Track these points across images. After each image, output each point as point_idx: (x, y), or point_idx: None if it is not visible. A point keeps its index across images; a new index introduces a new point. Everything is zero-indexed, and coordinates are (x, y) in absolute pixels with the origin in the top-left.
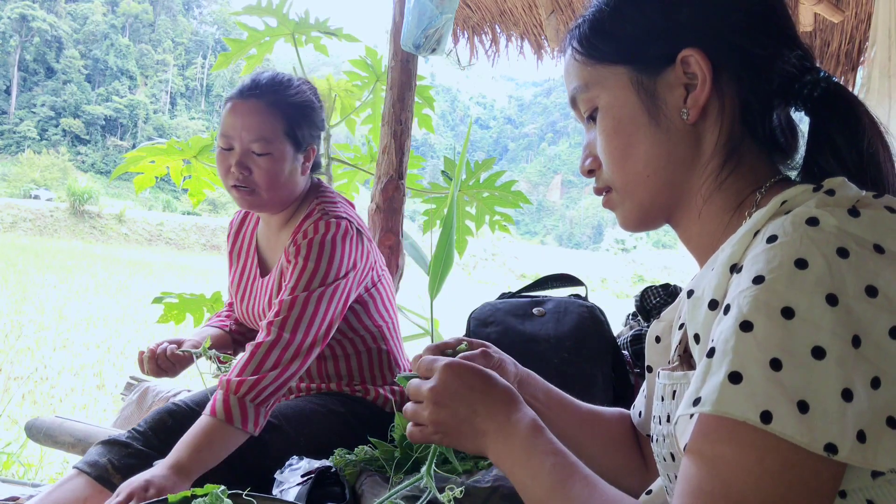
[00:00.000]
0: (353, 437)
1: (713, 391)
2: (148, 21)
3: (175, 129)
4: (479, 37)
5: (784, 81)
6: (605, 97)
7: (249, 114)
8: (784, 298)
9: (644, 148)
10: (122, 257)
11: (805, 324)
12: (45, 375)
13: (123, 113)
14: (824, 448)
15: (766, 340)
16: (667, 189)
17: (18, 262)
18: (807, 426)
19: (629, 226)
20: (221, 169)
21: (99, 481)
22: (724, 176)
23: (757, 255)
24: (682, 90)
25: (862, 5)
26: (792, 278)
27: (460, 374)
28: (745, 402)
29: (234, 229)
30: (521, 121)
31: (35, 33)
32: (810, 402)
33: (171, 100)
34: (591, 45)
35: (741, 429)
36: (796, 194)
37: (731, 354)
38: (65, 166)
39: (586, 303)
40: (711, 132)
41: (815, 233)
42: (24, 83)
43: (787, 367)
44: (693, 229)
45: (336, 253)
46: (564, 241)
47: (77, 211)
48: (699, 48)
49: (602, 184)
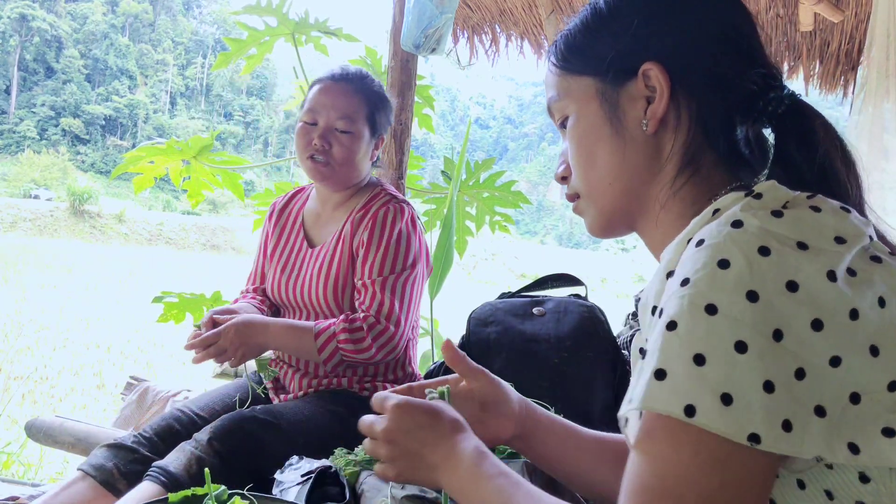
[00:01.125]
0: (354, 437)
1: (641, 389)
2: (148, 21)
3: (175, 128)
4: (479, 37)
5: (745, 98)
6: (574, 106)
7: (339, 94)
8: (707, 297)
9: (605, 156)
10: (122, 257)
11: (727, 320)
12: (45, 375)
13: (123, 113)
14: (748, 438)
15: (689, 337)
16: (627, 197)
17: (18, 262)
18: (731, 417)
19: (595, 232)
20: (302, 141)
21: (104, 486)
22: (680, 184)
23: (685, 260)
24: (643, 102)
25: (862, 5)
26: (714, 277)
27: (408, 411)
28: (668, 396)
29: (276, 210)
30: (521, 121)
31: (35, 33)
32: (733, 394)
33: (171, 99)
34: (564, 58)
35: (669, 424)
36: (729, 202)
37: (658, 353)
38: (65, 166)
39: (586, 303)
40: (668, 142)
41: (738, 234)
42: (24, 83)
43: (710, 361)
44: (655, 236)
45: (413, 240)
46: (564, 240)
47: (77, 211)
48: (659, 62)
49: (571, 191)
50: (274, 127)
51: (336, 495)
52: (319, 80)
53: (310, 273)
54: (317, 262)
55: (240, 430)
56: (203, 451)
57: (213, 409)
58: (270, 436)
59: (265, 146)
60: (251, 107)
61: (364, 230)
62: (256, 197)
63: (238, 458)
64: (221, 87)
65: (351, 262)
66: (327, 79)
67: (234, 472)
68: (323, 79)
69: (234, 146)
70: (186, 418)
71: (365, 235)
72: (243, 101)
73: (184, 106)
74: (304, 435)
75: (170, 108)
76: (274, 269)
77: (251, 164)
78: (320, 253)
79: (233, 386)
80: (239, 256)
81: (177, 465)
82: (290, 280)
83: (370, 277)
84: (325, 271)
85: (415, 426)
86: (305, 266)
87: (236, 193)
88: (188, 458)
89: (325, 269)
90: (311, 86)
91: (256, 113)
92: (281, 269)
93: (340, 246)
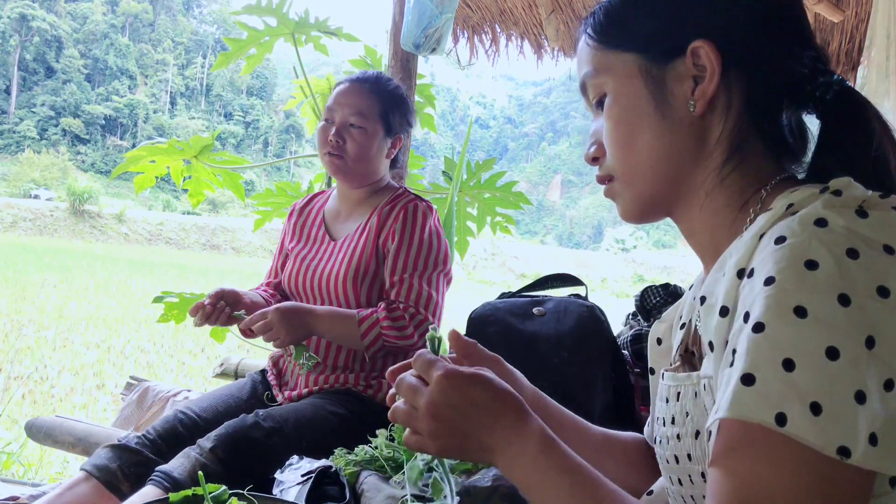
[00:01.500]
0: (354, 437)
1: (728, 396)
2: (148, 21)
3: (175, 128)
4: (479, 36)
5: (795, 81)
6: (613, 84)
7: (353, 93)
8: (795, 298)
9: (648, 138)
10: (122, 257)
11: (818, 323)
12: (45, 375)
13: (123, 112)
14: (837, 451)
15: (777, 340)
16: (669, 181)
17: (18, 262)
18: (820, 428)
19: (630, 217)
20: (320, 139)
21: (108, 487)
22: (728, 171)
23: (765, 258)
24: (690, 82)
25: (862, 5)
26: (802, 278)
27: (460, 386)
28: (759, 403)
29: (297, 208)
30: (521, 120)
31: (35, 33)
32: (823, 403)
33: (171, 99)
34: (604, 32)
35: (756, 432)
36: (802, 197)
37: (745, 357)
38: (65, 166)
39: (586, 302)
40: (717, 126)
41: (823, 233)
42: (24, 83)
43: (800, 367)
44: (695, 224)
45: (443, 238)
46: (564, 240)
47: (77, 210)
48: (710, 40)
49: (605, 172)
50: (274, 127)
51: (336, 495)
52: (339, 83)
53: (331, 262)
54: (339, 252)
55: (243, 437)
56: (207, 458)
57: (217, 411)
58: (274, 441)
59: (265, 146)
60: (251, 107)
61: (394, 223)
62: (256, 197)
63: (242, 465)
64: (221, 87)
65: (375, 253)
66: (345, 81)
67: (237, 477)
68: (342, 81)
69: (234, 146)
70: (189, 421)
71: (397, 228)
72: (243, 101)
73: (184, 106)
74: (306, 438)
75: (170, 108)
76: (293, 261)
77: (251, 163)
78: (343, 244)
79: (235, 387)
80: (239, 256)
81: (181, 471)
82: (310, 269)
83: (405, 273)
84: (347, 259)
85: (467, 403)
86: (326, 256)
87: (237, 193)
88: (192, 464)
89: (347, 257)
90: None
91: (256, 113)
92: (301, 260)
93: (365, 236)
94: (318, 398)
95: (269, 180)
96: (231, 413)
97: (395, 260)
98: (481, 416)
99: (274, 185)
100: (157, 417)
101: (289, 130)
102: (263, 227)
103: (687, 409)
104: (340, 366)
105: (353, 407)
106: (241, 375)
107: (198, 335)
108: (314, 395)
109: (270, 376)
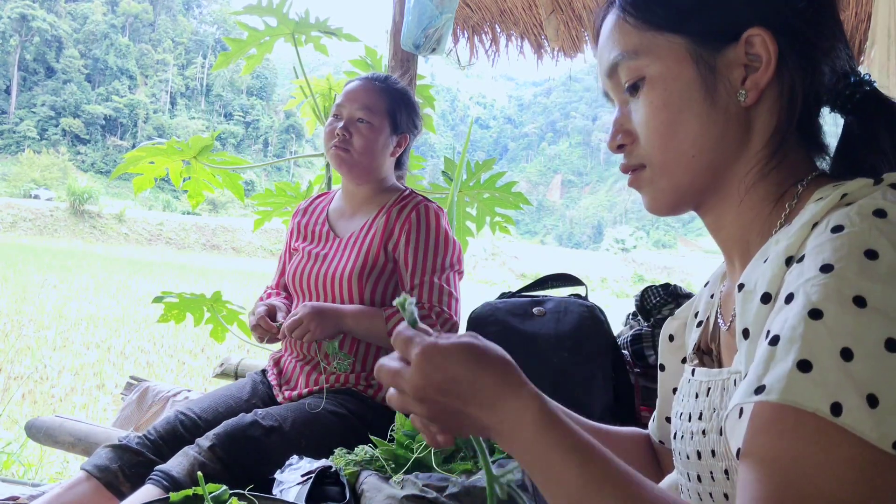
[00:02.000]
0: (354, 437)
1: (780, 379)
2: (148, 21)
3: (175, 128)
4: (479, 37)
5: (835, 78)
6: (657, 67)
7: (361, 90)
8: (855, 287)
9: (693, 126)
10: (122, 257)
11: (878, 314)
12: (45, 375)
13: (123, 112)
14: (893, 446)
15: (837, 329)
16: (708, 172)
17: (18, 262)
18: (876, 421)
19: (658, 208)
20: (327, 134)
21: (108, 488)
22: (772, 166)
23: (822, 245)
24: (741, 70)
25: (862, 5)
26: (863, 267)
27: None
28: (815, 391)
29: (301, 209)
30: (521, 121)
31: (35, 33)
32: (880, 396)
33: (171, 99)
34: (648, 10)
35: (808, 420)
36: (857, 188)
37: (800, 342)
38: (65, 166)
39: (586, 302)
40: (765, 119)
41: (883, 224)
42: (24, 83)
43: (858, 357)
44: (727, 217)
45: (456, 240)
46: (564, 240)
47: (77, 211)
48: (768, 28)
49: (635, 160)
50: (274, 127)
51: (336, 495)
52: (349, 82)
53: (336, 259)
54: (344, 249)
55: (242, 435)
56: (205, 457)
57: (217, 411)
58: (273, 440)
59: (265, 146)
60: (251, 107)
61: (406, 224)
62: (256, 197)
63: (240, 463)
64: (221, 87)
65: (382, 252)
66: (356, 80)
67: (236, 476)
68: (351, 81)
69: (234, 146)
70: (190, 421)
71: (411, 230)
72: (243, 101)
73: (184, 106)
74: (305, 437)
75: (170, 108)
76: (299, 258)
77: (251, 164)
78: (348, 241)
79: (235, 387)
80: (239, 256)
81: (179, 470)
82: (315, 266)
83: (425, 275)
84: (353, 256)
85: (448, 381)
86: (332, 252)
87: (236, 194)
88: (191, 462)
89: (353, 254)
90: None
91: (256, 113)
92: (306, 258)
93: (372, 234)
94: (318, 398)
95: (269, 180)
96: (231, 413)
97: (413, 262)
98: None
99: (274, 185)
100: (157, 417)
101: (289, 130)
102: (263, 227)
103: (714, 405)
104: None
105: (353, 407)
106: (241, 375)
107: (198, 335)
108: (314, 394)
109: (271, 376)
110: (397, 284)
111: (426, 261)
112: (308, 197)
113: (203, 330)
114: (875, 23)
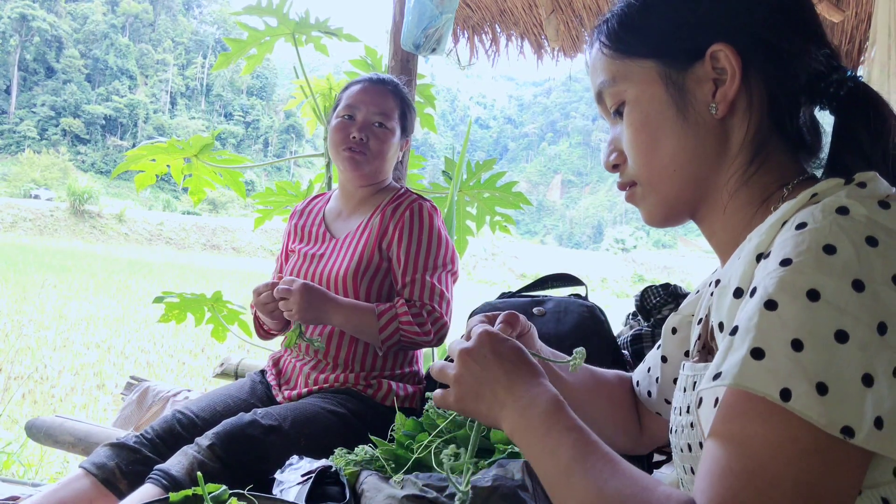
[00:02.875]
0: (354, 437)
1: (734, 365)
2: (148, 21)
3: (175, 128)
4: (479, 37)
5: (811, 79)
6: (633, 91)
7: (376, 94)
8: (810, 281)
9: (671, 142)
10: (122, 257)
11: (829, 307)
12: (45, 375)
13: (123, 112)
14: (841, 431)
15: (789, 320)
16: (692, 184)
17: (18, 262)
18: (824, 407)
19: (654, 221)
20: (339, 135)
21: (105, 485)
22: (752, 171)
23: (785, 241)
24: (710, 85)
25: (862, 5)
26: (819, 262)
27: (494, 342)
28: (765, 377)
29: (298, 210)
30: (521, 120)
31: (35, 33)
32: (829, 384)
33: (171, 99)
34: (620, 40)
35: (762, 405)
36: (827, 187)
37: (755, 331)
38: (65, 166)
39: (586, 302)
40: (739, 127)
41: (844, 221)
42: (24, 83)
43: (808, 348)
44: (717, 224)
45: (450, 239)
46: (564, 240)
47: (77, 211)
48: (728, 43)
49: (627, 178)
50: (274, 127)
51: (336, 495)
52: (357, 82)
53: (332, 259)
54: (341, 249)
55: (241, 434)
56: (205, 456)
57: (215, 411)
58: (272, 439)
59: (265, 146)
60: (251, 107)
61: (400, 222)
62: (257, 196)
63: (240, 462)
64: (221, 87)
65: (377, 250)
66: (365, 80)
67: (235, 475)
68: (361, 80)
69: (234, 146)
70: (188, 420)
71: (405, 227)
72: (243, 101)
73: (184, 106)
74: (305, 437)
75: (170, 108)
76: (295, 259)
77: (252, 163)
78: (345, 241)
79: (234, 387)
80: (239, 256)
81: (178, 469)
82: (311, 266)
83: (417, 273)
84: (348, 256)
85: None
86: (328, 252)
87: (238, 191)
88: (190, 461)
89: (349, 254)
90: (345, 88)
91: (256, 113)
92: (302, 259)
93: (367, 233)
94: (318, 397)
95: (270, 180)
96: (230, 413)
97: (406, 260)
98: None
99: (274, 184)
100: (157, 417)
101: (289, 130)
102: (263, 226)
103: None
104: (341, 365)
105: (353, 406)
106: (241, 375)
107: (198, 335)
108: (314, 394)
109: (270, 376)
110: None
111: (418, 258)
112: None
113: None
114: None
